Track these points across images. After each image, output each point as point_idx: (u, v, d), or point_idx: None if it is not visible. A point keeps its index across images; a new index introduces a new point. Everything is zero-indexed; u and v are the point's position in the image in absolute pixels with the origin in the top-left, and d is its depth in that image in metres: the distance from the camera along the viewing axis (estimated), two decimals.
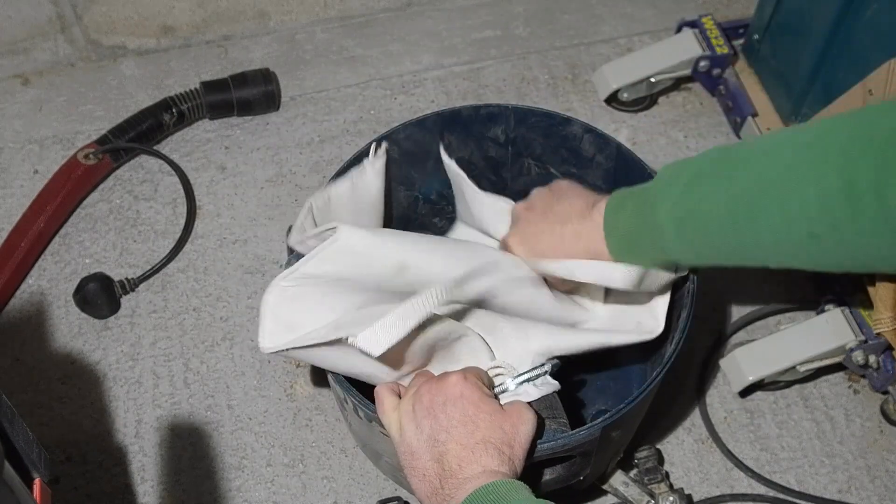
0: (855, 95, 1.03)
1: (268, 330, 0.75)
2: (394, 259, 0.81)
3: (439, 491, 0.66)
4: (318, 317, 0.75)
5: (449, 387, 0.69)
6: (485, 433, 0.67)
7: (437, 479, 0.66)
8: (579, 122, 0.94)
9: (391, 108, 1.34)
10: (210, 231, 1.21)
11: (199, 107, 1.28)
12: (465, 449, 0.66)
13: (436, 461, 0.67)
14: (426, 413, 0.69)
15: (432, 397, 0.69)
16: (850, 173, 0.58)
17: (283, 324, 0.75)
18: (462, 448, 0.66)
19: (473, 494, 0.63)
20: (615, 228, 0.76)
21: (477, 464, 0.65)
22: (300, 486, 1.01)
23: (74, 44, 1.37)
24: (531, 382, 0.75)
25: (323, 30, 1.45)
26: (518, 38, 1.44)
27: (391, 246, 0.81)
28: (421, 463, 0.68)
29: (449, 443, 0.67)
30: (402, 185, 1.00)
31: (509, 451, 0.67)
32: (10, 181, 1.26)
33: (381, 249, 0.80)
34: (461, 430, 0.67)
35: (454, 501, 0.64)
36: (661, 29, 1.44)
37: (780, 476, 1.02)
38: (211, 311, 1.14)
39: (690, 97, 1.36)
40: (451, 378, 0.70)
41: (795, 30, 1.21)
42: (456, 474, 0.65)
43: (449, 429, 0.67)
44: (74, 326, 1.12)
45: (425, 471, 0.67)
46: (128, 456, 1.03)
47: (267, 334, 0.75)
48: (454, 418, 0.67)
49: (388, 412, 0.72)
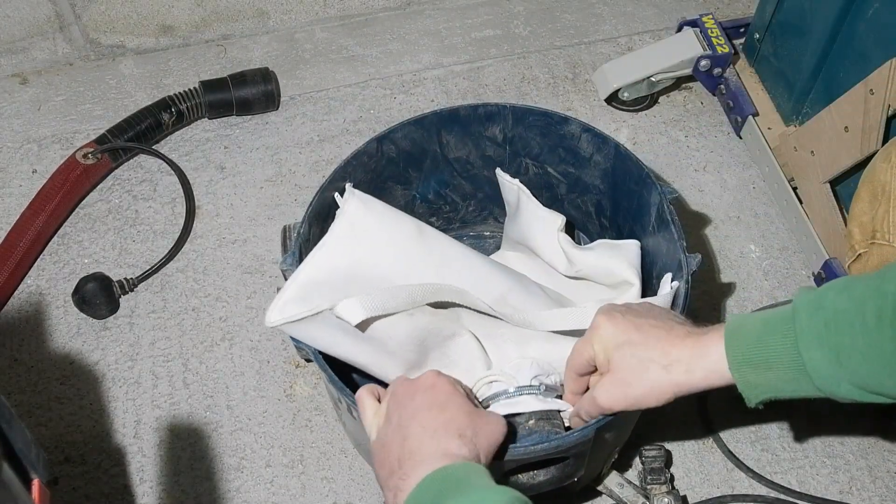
0: (856, 95, 1.03)
1: (281, 303, 0.75)
2: (413, 223, 0.82)
3: (396, 471, 0.64)
4: (331, 297, 0.75)
5: (422, 379, 0.70)
6: (449, 417, 0.66)
7: (396, 461, 0.65)
8: (577, 122, 0.94)
9: (391, 107, 1.34)
10: (209, 231, 1.21)
11: (198, 106, 1.28)
12: (426, 431, 0.65)
13: (399, 445, 0.66)
14: (396, 405, 0.68)
15: (405, 390, 0.69)
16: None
17: (297, 300, 0.75)
18: (423, 430, 0.65)
19: (429, 476, 0.61)
20: None
21: (437, 446, 0.64)
22: (300, 486, 1.01)
23: (73, 43, 1.37)
24: (536, 395, 0.75)
25: (322, 29, 1.45)
26: (518, 37, 1.43)
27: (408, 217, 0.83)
28: (387, 450, 0.67)
29: (412, 426, 0.66)
30: (400, 184, 1.00)
31: (472, 436, 0.65)
32: (9, 181, 1.25)
33: (400, 214, 0.83)
34: (426, 414, 0.66)
35: (409, 481, 0.62)
36: (662, 28, 1.44)
37: (782, 476, 1.01)
38: (210, 312, 1.13)
39: (691, 96, 1.35)
40: (426, 374, 0.70)
41: (796, 29, 1.20)
42: (414, 455, 0.64)
43: (415, 413, 0.66)
44: (73, 327, 1.12)
45: (389, 455, 0.66)
46: (127, 456, 1.03)
47: (278, 308, 0.74)
48: (421, 404, 0.67)
49: (368, 417, 0.71)
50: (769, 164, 1.21)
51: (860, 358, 0.60)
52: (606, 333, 0.71)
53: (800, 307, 0.63)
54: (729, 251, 1.19)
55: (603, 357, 0.71)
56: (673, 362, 0.67)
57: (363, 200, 0.82)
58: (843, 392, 0.62)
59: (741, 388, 0.66)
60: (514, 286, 0.86)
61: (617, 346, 0.70)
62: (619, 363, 0.70)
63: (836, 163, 1.07)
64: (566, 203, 1.03)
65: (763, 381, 0.65)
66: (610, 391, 0.70)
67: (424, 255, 0.81)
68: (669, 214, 0.85)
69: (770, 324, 0.64)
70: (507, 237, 1.01)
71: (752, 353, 0.64)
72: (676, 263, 0.83)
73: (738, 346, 0.65)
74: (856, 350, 0.60)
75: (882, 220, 0.90)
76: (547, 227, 0.92)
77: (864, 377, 0.61)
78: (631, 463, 1.00)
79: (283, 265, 0.83)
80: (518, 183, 0.94)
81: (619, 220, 0.98)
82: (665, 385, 0.68)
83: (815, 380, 0.62)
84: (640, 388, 0.69)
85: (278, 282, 1.14)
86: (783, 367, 0.63)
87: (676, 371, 0.67)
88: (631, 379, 0.69)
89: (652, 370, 0.68)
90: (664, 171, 1.26)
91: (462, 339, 0.80)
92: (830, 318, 0.61)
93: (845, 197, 1.11)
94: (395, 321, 0.75)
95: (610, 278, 0.90)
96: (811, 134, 1.12)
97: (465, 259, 0.84)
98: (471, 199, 1.07)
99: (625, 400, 0.70)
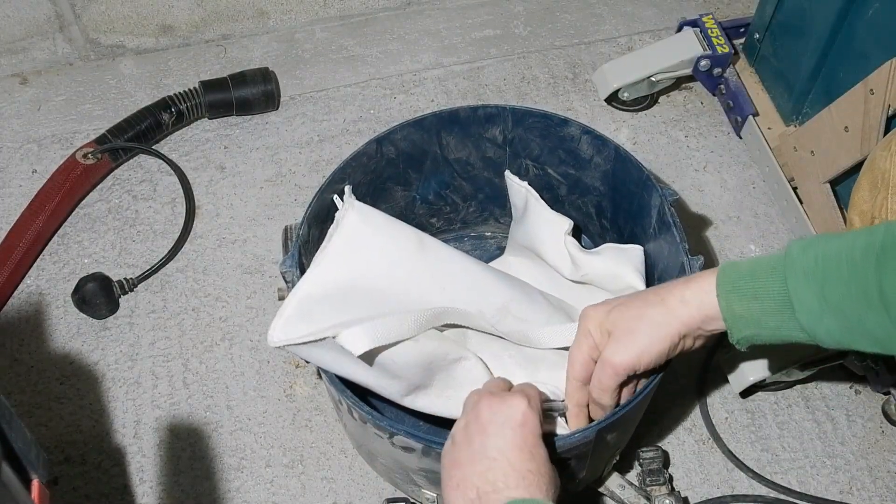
0: (856, 95, 1.03)
1: (283, 322, 0.73)
2: (414, 235, 0.81)
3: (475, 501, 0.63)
4: (333, 316, 0.74)
5: (511, 409, 0.66)
6: (539, 467, 0.63)
7: (476, 493, 0.62)
8: (577, 124, 0.93)
9: (391, 107, 1.34)
10: (209, 231, 1.21)
11: (198, 106, 1.28)
12: (515, 471, 0.62)
13: (479, 475, 0.63)
14: (480, 430, 0.65)
15: (492, 415, 0.66)
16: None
17: (299, 318, 0.74)
18: (513, 469, 0.63)
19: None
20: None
21: (524, 490, 0.62)
22: (299, 486, 1.01)
23: (73, 43, 1.37)
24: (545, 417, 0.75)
25: (322, 29, 1.45)
26: (518, 37, 1.43)
27: (408, 228, 0.82)
28: (461, 472, 0.64)
29: (500, 460, 0.63)
30: (400, 185, 1.00)
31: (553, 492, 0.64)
32: (9, 181, 1.25)
33: (400, 225, 0.81)
34: (516, 454, 0.63)
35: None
36: (662, 28, 1.44)
37: (782, 477, 1.01)
38: (210, 312, 1.13)
39: (691, 96, 1.35)
40: (515, 400, 0.66)
41: (796, 29, 1.20)
42: (500, 491, 0.62)
43: (503, 449, 0.64)
44: (73, 327, 1.12)
45: (463, 481, 0.64)
46: (126, 457, 1.03)
47: (279, 327, 0.73)
48: (511, 441, 0.64)
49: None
50: (769, 164, 1.21)
51: (843, 290, 0.61)
52: (597, 312, 0.72)
53: (792, 245, 0.65)
54: (729, 251, 1.19)
55: (599, 334, 0.72)
56: (667, 297, 0.69)
57: (361, 213, 0.80)
58: (824, 329, 0.63)
59: (725, 319, 0.67)
60: (516, 296, 0.86)
61: (610, 311, 0.71)
62: (616, 321, 0.70)
63: (836, 163, 1.07)
64: (567, 204, 1.03)
65: (748, 312, 0.65)
66: (617, 347, 0.70)
67: (425, 268, 0.81)
68: (671, 217, 0.85)
69: (762, 260, 0.66)
70: (512, 240, 1.01)
71: (741, 282, 0.66)
72: (679, 266, 0.83)
73: (728, 277, 0.67)
74: (840, 283, 0.61)
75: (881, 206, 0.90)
76: (554, 231, 0.92)
77: (845, 312, 0.61)
78: (632, 464, 1.00)
79: (282, 267, 0.83)
80: (527, 186, 0.93)
81: (619, 221, 0.98)
82: (668, 320, 0.68)
83: (797, 312, 0.63)
84: (645, 332, 0.69)
85: (278, 282, 1.14)
86: (769, 297, 0.64)
87: (672, 303, 0.68)
88: (633, 326, 0.69)
89: (650, 312, 0.69)
90: (664, 171, 1.26)
91: (468, 363, 0.79)
92: (820, 255, 0.63)
93: (845, 197, 1.11)
94: (400, 347, 0.74)
95: (615, 283, 0.89)
96: (811, 134, 1.12)
97: (467, 270, 0.84)
98: (471, 200, 1.07)
99: (635, 347, 0.69)
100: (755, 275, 0.65)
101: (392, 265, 0.79)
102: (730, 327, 0.67)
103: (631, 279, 0.88)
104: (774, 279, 0.64)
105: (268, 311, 1.13)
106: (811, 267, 0.63)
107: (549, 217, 0.92)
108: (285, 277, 0.82)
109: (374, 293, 0.77)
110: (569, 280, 0.93)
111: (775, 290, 0.64)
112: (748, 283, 0.65)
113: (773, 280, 0.64)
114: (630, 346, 0.69)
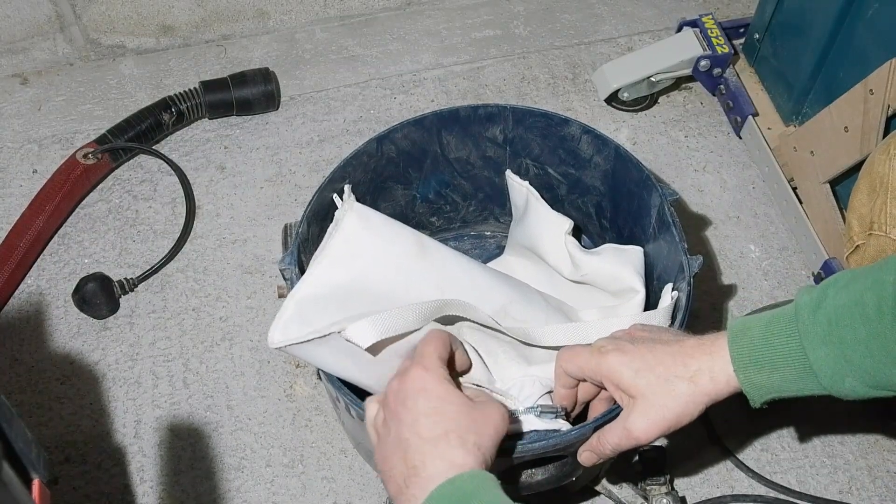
0: (856, 95, 1.03)
1: (282, 323, 0.73)
2: (413, 237, 0.81)
3: (404, 490, 0.62)
4: (332, 316, 0.74)
5: (409, 381, 0.65)
6: (449, 423, 0.63)
7: (402, 479, 0.62)
8: (577, 123, 0.93)
9: (391, 107, 1.34)
10: (209, 231, 1.21)
11: (198, 106, 1.28)
12: (426, 442, 0.62)
13: (402, 460, 0.62)
14: (392, 415, 0.65)
15: (395, 396, 0.66)
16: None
17: (298, 319, 0.73)
18: (423, 441, 0.62)
19: (436, 492, 0.59)
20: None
21: (440, 458, 0.61)
22: (300, 486, 1.01)
23: (73, 43, 1.37)
24: (539, 415, 0.74)
25: (322, 29, 1.45)
26: (518, 37, 1.43)
27: (407, 229, 0.82)
28: (388, 465, 0.64)
29: (412, 438, 0.62)
30: (400, 184, 1.00)
31: (476, 439, 0.62)
32: (9, 181, 1.26)
33: (399, 227, 0.81)
34: (424, 422, 0.63)
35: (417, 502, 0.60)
36: (662, 28, 1.44)
37: (781, 476, 1.01)
38: (210, 312, 1.13)
39: (691, 97, 1.35)
40: (411, 372, 0.66)
41: (796, 29, 1.21)
42: (419, 472, 0.61)
43: (412, 423, 0.63)
44: (73, 326, 1.12)
45: (390, 473, 0.63)
46: (127, 456, 1.03)
47: (279, 329, 0.73)
48: (417, 411, 0.63)
49: (368, 426, 0.69)
50: (769, 164, 1.22)
51: (864, 351, 0.60)
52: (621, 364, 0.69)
53: (801, 307, 0.63)
54: (729, 251, 1.19)
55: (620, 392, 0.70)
56: (695, 373, 0.67)
57: (360, 215, 0.80)
58: (847, 387, 0.62)
59: (746, 390, 0.66)
60: (515, 297, 0.86)
61: (636, 372, 0.68)
62: (644, 389, 0.68)
63: (836, 163, 1.07)
64: (566, 204, 1.03)
65: (768, 381, 0.65)
66: (645, 420, 0.68)
67: (424, 270, 0.81)
68: (670, 216, 0.85)
69: (773, 326, 0.64)
70: (512, 240, 1.01)
71: (757, 354, 0.64)
72: (678, 265, 0.83)
73: (742, 349, 0.65)
74: (859, 343, 0.60)
75: (879, 211, 0.90)
76: (554, 231, 0.92)
77: (868, 370, 0.61)
78: (630, 463, 1.00)
79: (281, 264, 0.83)
80: (528, 185, 0.93)
81: (619, 221, 0.98)
82: (697, 397, 0.67)
83: (820, 378, 0.62)
84: (674, 407, 0.67)
85: (278, 282, 1.14)
86: (789, 367, 0.63)
87: (702, 381, 0.66)
88: (663, 401, 0.67)
89: (679, 386, 0.67)
90: (664, 171, 1.26)
91: None
92: (832, 315, 0.61)
93: (845, 197, 1.11)
94: (398, 346, 0.74)
95: (615, 284, 0.89)
96: (811, 134, 1.12)
97: (466, 271, 0.84)
98: (471, 199, 1.07)
99: (664, 423, 0.68)
100: (770, 343, 0.64)
101: (390, 267, 0.79)
102: (751, 396, 0.66)
103: (632, 281, 0.88)
104: (791, 347, 0.63)
105: (268, 311, 1.13)
106: (825, 332, 0.62)
107: (550, 217, 0.92)
108: (284, 275, 0.82)
109: (373, 294, 0.77)
110: (568, 280, 0.93)
111: (794, 359, 0.63)
112: (764, 353, 0.64)
113: (789, 348, 0.63)
114: (660, 420, 0.68)
